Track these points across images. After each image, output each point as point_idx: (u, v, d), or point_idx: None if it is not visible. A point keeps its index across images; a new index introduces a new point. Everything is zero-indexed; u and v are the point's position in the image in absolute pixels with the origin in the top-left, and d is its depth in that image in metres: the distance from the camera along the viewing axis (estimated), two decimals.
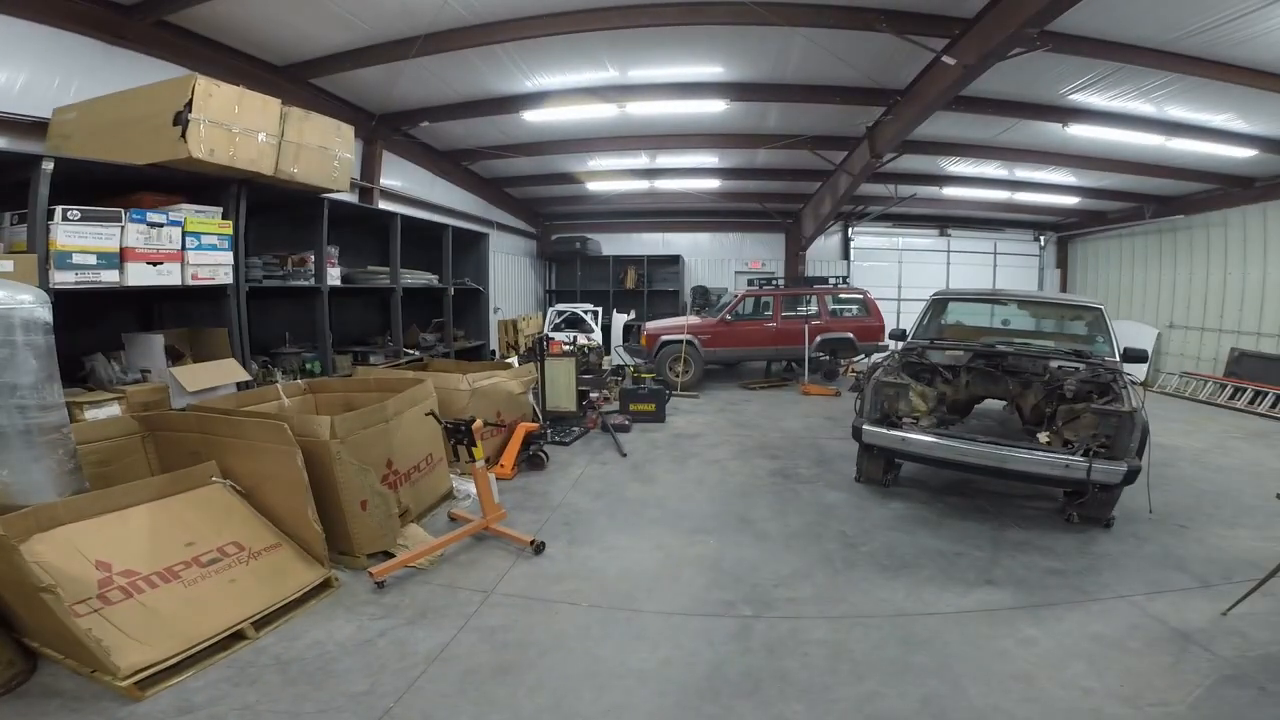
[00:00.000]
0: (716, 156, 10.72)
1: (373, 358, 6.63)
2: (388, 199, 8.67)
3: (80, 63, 4.80)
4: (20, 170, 3.60)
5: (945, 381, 5.52)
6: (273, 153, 4.61)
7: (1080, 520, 4.36)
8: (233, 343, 4.72)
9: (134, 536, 2.93)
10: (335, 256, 5.92)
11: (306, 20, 5.62)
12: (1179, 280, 11.30)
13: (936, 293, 6.47)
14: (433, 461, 4.59)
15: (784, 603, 3.38)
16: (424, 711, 2.47)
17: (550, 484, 5.32)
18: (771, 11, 5.33)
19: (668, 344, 9.83)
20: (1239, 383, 9.38)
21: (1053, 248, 14.63)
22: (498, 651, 2.88)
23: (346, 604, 3.28)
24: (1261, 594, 3.11)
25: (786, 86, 7.34)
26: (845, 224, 14.42)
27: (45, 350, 2.90)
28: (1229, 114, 7.08)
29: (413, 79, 6.95)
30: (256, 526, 3.37)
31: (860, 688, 2.63)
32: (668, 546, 4.09)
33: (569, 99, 7.60)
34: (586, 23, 5.73)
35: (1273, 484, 5.08)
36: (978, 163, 10.06)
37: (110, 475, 3.44)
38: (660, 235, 15.24)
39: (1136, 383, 4.96)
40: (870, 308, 10.67)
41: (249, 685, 2.59)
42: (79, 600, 2.53)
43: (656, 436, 6.98)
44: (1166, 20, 5.14)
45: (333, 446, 3.52)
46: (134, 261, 3.95)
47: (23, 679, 2.54)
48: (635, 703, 2.54)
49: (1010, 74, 6.16)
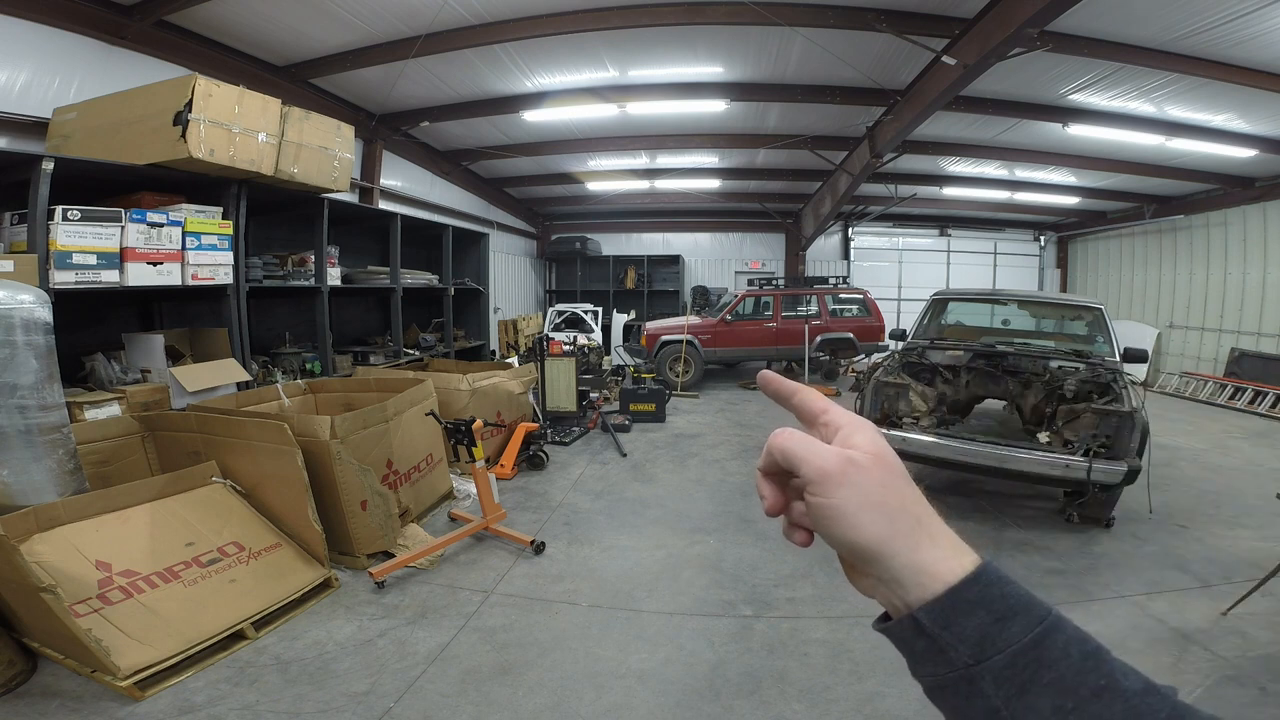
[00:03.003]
0: (716, 156, 10.71)
1: (373, 358, 6.63)
2: (388, 199, 8.67)
3: (80, 63, 4.80)
4: (20, 170, 3.60)
5: (945, 381, 5.51)
6: (273, 153, 4.61)
7: (1080, 520, 4.36)
8: (233, 343, 4.72)
9: (134, 536, 2.93)
10: (335, 256, 5.92)
11: (306, 20, 5.61)
12: (1179, 280, 11.30)
13: (936, 293, 6.47)
14: (433, 461, 4.59)
15: (784, 602, 3.38)
16: (424, 711, 2.47)
17: (550, 484, 5.32)
18: (771, 11, 5.33)
19: (668, 344, 9.83)
20: (1239, 383, 9.38)
21: (1053, 247, 14.63)
22: (498, 651, 2.88)
23: (346, 604, 3.28)
24: (1261, 594, 3.11)
25: (786, 86, 7.34)
26: (845, 224, 14.42)
27: (45, 350, 2.90)
28: (1229, 114, 7.08)
29: (413, 79, 6.95)
30: (256, 526, 3.38)
31: (860, 688, 2.63)
32: (668, 546, 4.09)
33: (569, 99, 7.60)
34: (586, 23, 5.73)
35: (1273, 484, 5.07)
36: (978, 163, 10.05)
37: (110, 475, 3.44)
38: (660, 235, 15.24)
39: (1136, 383, 4.96)
40: (870, 308, 10.66)
41: (249, 685, 2.59)
42: (79, 600, 2.54)
43: (656, 436, 6.98)
44: (1166, 20, 5.13)
45: (333, 446, 3.52)
46: (134, 261, 3.95)
47: (23, 679, 2.54)
48: (635, 703, 2.54)
49: (1010, 74, 6.16)
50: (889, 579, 0.43)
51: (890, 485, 0.44)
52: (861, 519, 0.43)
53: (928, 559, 0.42)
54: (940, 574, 0.42)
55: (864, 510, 0.43)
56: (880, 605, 0.45)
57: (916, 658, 0.42)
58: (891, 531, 0.43)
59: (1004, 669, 0.38)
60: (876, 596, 0.45)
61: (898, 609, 0.43)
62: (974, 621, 0.40)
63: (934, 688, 0.42)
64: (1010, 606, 0.40)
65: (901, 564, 0.42)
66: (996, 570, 0.42)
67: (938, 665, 0.41)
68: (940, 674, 0.41)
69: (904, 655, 0.44)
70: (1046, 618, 0.40)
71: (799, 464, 0.46)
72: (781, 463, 0.48)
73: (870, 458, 0.45)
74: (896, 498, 0.44)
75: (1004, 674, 0.38)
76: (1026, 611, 0.40)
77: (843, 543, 0.44)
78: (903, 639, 0.43)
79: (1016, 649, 0.39)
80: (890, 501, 0.44)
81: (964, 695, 0.40)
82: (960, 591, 0.41)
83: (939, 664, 0.41)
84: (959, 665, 0.40)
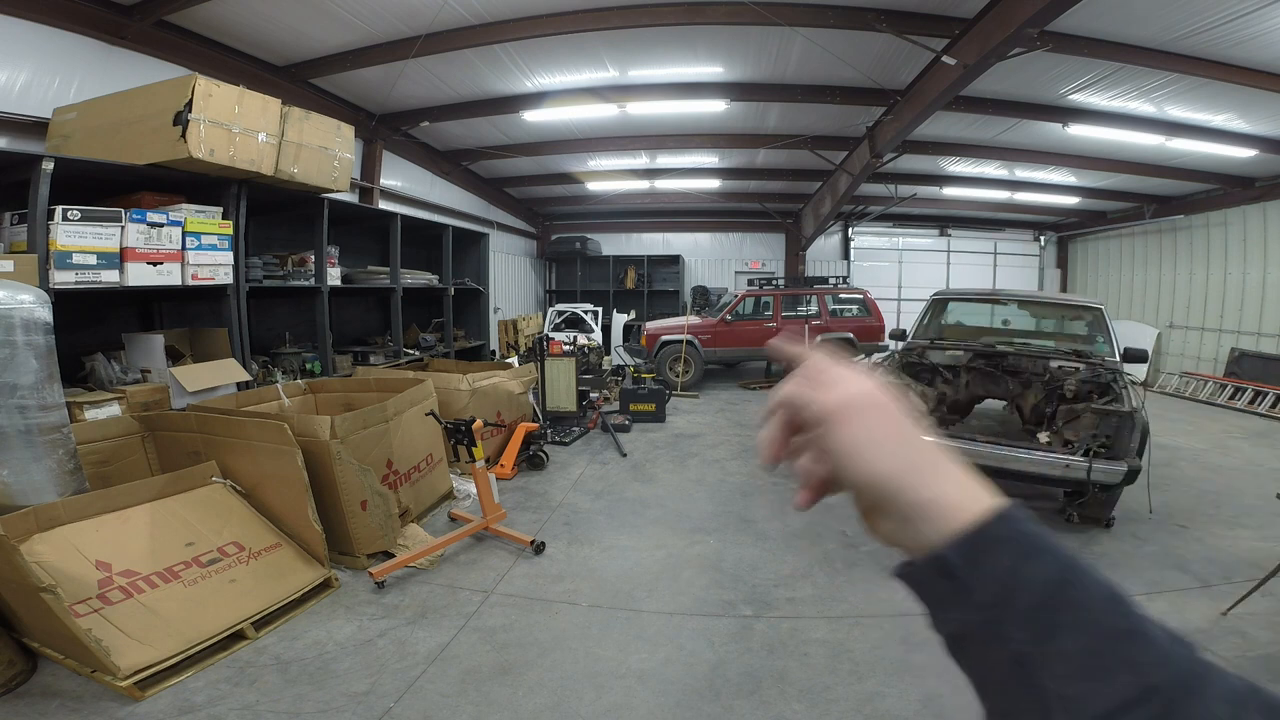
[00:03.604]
0: (716, 156, 10.71)
1: (373, 358, 6.63)
2: (388, 199, 8.67)
3: (80, 63, 4.80)
4: (20, 170, 3.60)
5: (945, 381, 5.52)
6: (273, 153, 4.61)
7: (1080, 520, 4.36)
8: (233, 343, 4.72)
9: (134, 536, 2.93)
10: (335, 256, 5.92)
11: (306, 20, 5.61)
12: (1179, 280, 11.30)
13: (936, 293, 6.47)
14: (433, 461, 4.59)
15: (784, 602, 3.38)
16: (424, 711, 2.47)
17: (550, 484, 5.32)
18: (771, 11, 5.33)
19: (668, 344, 9.83)
20: (1239, 383, 9.38)
21: (1053, 247, 14.62)
22: (498, 651, 2.88)
23: (346, 604, 3.28)
24: (1261, 594, 3.11)
25: (786, 86, 7.34)
26: (845, 224, 14.41)
27: (45, 350, 2.90)
28: (1229, 114, 7.08)
29: (413, 79, 6.95)
30: (256, 526, 3.38)
31: (860, 688, 2.63)
32: (668, 546, 4.09)
33: (569, 99, 7.60)
34: (586, 23, 5.73)
35: (1273, 484, 5.07)
36: (978, 163, 10.05)
37: (110, 475, 3.44)
38: (660, 235, 15.24)
39: (1136, 383, 4.96)
40: (870, 308, 10.66)
41: (249, 685, 2.59)
42: (79, 600, 2.54)
43: (656, 436, 6.98)
44: (1166, 20, 5.13)
45: (333, 446, 3.52)
46: (134, 261, 3.95)
47: (23, 679, 2.54)
48: (635, 703, 2.54)
49: (1010, 74, 6.16)
50: (909, 515, 0.42)
51: (892, 421, 0.45)
52: (869, 452, 0.43)
53: (939, 491, 0.42)
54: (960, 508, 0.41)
55: (870, 444, 0.44)
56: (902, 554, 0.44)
57: (940, 602, 0.41)
58: (904, 465, 0.43)
59: (1034, 609, 0.37)
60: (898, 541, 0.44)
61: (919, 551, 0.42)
62: (1002, 559, 0.39)
63: (956, 637, 0.41)
64: (1038, 545, 0.39)
65: (919, 497, 0.42)
66: (1023, 509, 0.41)
67: (963, 609, 0.39)
68: (964, 619, 0.39)
69: (925, 603, 0.43)
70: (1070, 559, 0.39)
71: (805, 406, 0.47)
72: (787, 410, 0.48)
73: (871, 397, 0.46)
74: (899, 433, 0.44)
75: (1034, 615, 0.37)
76: (1052, 552, 0.39)
77: (856, 476, 0.44)
78: (925, 582, 0.42)
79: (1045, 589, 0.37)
80: (894, 435, 0.44)
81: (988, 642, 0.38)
82: (989, 528, 0.40)
83: (964, 608, 0.39)
84: (985, 606, 0.38)
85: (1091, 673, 0.35)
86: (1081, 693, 0.35)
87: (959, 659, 0.41)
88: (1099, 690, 0.34)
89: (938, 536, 0.41)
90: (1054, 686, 0.35)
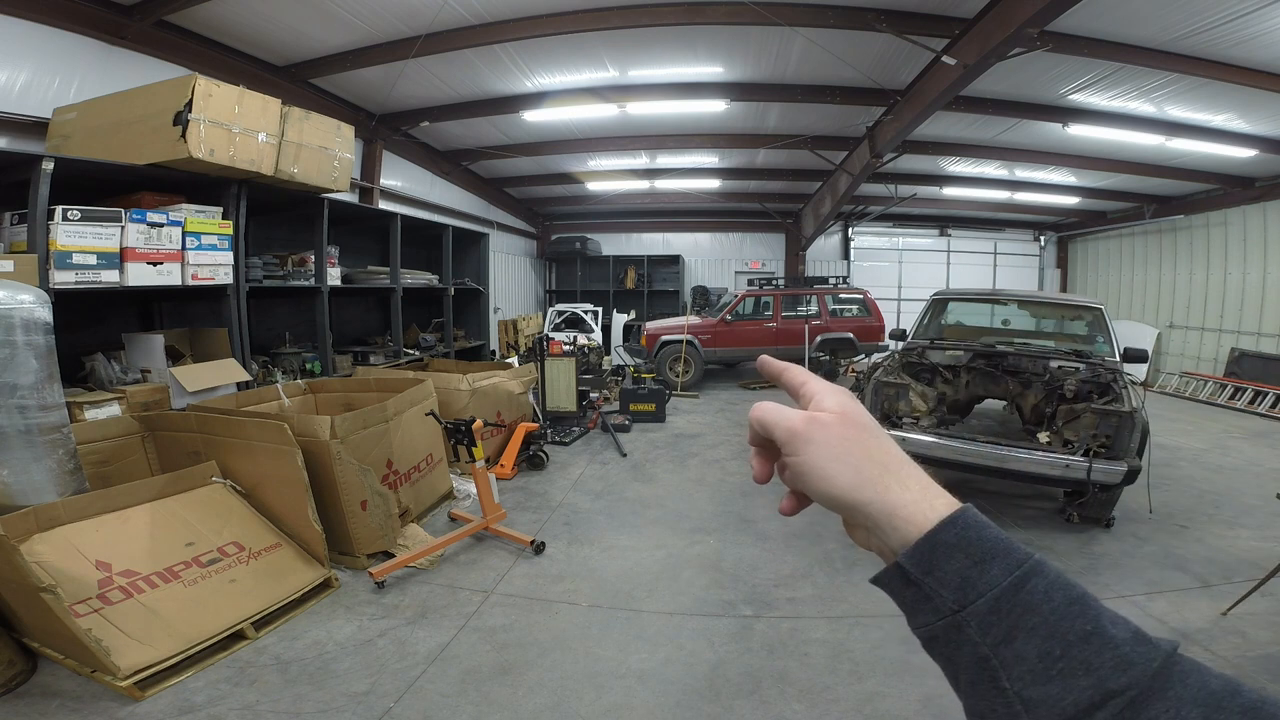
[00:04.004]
0: (716, 156, 10.71)
1: (373, 358, 6.63)
2: (388, 199, 8.67)
3: (80, 63, 4.80)
4: (20, 170, 3.60)
5: (945, 381, 5.51)
6: (273, 153, 4.61)
7: (1080, 520, 4.36)
8: (233, 343, 4.72)
9: (134, 536, 2.93)
10: (335, 256, 5.92)
11: (306, 20, 5.61)
12: (1179, 280, 11.30)
13: (936, 293, 6.46)
14: (433, 461, 4.59)
15: (784, 602, 3.38)
16: (424, 711, 2.47)
17: (550, 484, 5.32)
18: (771, 11, 5.33)
19: (668, 344, 9.83)
20: (1239, 383, 9.38)
21: (1053, 247, 14.63)
22: (498, 651, 2.88)
23: (346, 604, 3.28)
24: (1261, 594, 3.11)
25: (786, 86, 7.34)
26: (845, 224, 14.42)
27: (45, 350, 2.90)
28: (1229, 114, 7.08)
29: (413, 79, 6.95)
30: (256, 526, 3.38)
31: (860, 688, 2.63)
32: (668, 546, 4.09)
33: (569, 99, 7.60)
34: (586, 23, 5.73)
35: (1273, 484, 5.08)
36: (978, 163, 10.05)
37: (110, 475, 3.44)
38: (660, 235, 15.24)
39: (1136, 383, 4.96)
40: (870, 308, 10.66)
41: (249, 685, 2.59)
42: (79, 600, 2.53)
43: (656, 436, 6.98)
44: (1166, 20, 5.13)
45: (333, 446, 3.52)
46: (134, 261, 3.95)
47: (23, 679, 2.54)
48: (635, 703, 2.54)
49: (1010, 74, 6.16)
50: (871, 526, 0.45)
51: (852, 438, 0.47)
52: (829, 470, 0.46)
53: (897, 501, 0.43)
54: (914, 517, 0.42)
55: (830, 462, 0.46)
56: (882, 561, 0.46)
57: (908, 607, 0.43)
58: (858, 480, 0.45)
59: (987, 614, 0.38)
60: (871, 548, 0.47)
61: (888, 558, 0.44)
62: (954, 565, 0.40)
63: (928, 639, 0.42)
64: (988, 550, 0.40)
65: (875, 510, 0.44)
66: (975, 514, 0.42)
67: (927, 614, 0.41)
68: (930, 623, 0.41)
69: (900, 608, 0.44)
70: (1026, 561, 0.39)
71: (772, 429, 0.50)
72: (760, 431, 0.51)
73: (834, 416, 0.48)
74: (860, 449, 0.46)
75: (988, 619, 0.38)
76: (1006, 555, 0.39)
77: (819, 495, 0.47)
78: (893, 588, 0.44)
79: (997, 592, 0.38)
80: (854, 452, 0.46)
81: (953, 644, 0.39)
82: (937, 534, 0.41)
83: (928, 612, 0.41)
84: (945, 612, 0.39)
85: (1049, 677, 0.36)
86: (1042, 696, 0.35)
87: (935, 658, 0.43)
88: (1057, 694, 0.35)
89: (899, 545, 0.43)
90: (1015, 689, 0.36)
